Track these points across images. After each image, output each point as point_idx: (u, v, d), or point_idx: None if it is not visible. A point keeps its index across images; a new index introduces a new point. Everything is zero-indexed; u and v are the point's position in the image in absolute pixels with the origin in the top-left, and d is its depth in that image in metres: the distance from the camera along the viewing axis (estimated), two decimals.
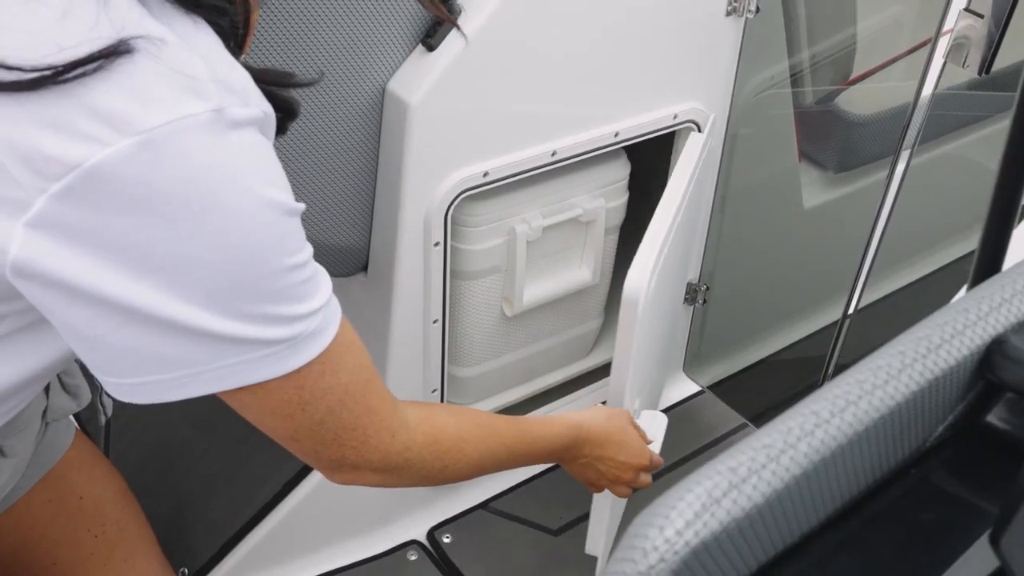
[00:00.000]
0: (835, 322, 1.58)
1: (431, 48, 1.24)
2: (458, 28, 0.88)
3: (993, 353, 0.59)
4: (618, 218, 1.64)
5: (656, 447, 1.24)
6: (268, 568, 1.56)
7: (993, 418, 0.62)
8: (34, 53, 0.58)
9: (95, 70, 0.58)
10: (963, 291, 0.94)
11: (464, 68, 1.25)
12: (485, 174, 1.35)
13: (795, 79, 1.75)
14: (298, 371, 0.72)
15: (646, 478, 1.19)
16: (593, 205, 1.56)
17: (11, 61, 0.58)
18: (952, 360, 0.58)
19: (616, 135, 1.46)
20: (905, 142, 1.40)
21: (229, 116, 0.62)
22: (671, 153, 1.62)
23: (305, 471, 1.52)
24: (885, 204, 1.45)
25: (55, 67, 0.58)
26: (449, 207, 1.34)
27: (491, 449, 0.96)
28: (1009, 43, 1.31)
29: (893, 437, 0.57)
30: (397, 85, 1.25)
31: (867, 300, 1.57)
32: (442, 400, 1.55)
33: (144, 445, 1.65)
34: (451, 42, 1.24)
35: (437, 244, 1.37)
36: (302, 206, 0.69)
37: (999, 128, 2.07)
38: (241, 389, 0.71)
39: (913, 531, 0.58)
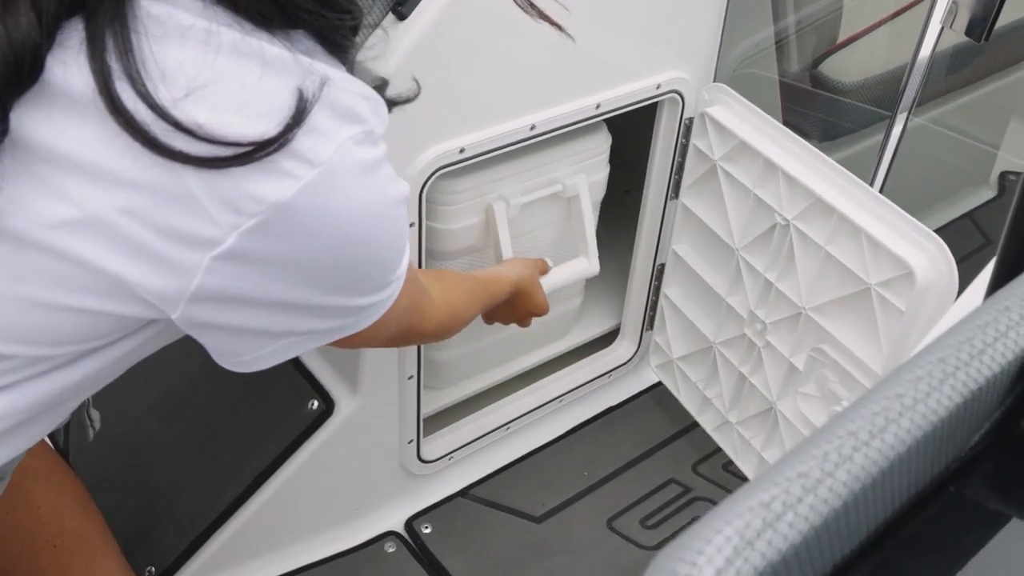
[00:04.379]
0: None
1: (402, 17, 1.17)
2: (561, 29, 0.87)
3: None
4: (599, 193, 1.58)
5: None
6: (239, 565, 1.50)
7: None
8: (251, 130, 0.62)
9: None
10: (975, 284, 0.89)
11: (437, 38, 1.18)
12: (461, 150, 1.28)
13: (780, 45, 1.69)
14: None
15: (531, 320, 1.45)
16: (573, 180, 1.50)
17: (230, 136, 0.62)
18: (996, 366, 0.52)
19: (597, 107, 1.40)
20: (902, 105, 1.35)
21: (375, 134, 0.70)
22: (652, 125, 1.56)
23: (277, 463, 1.45)
24: (880, 168, 1.40)
25: (272, 138, 0.62)
26: (424, 185, 1.27)
27: (476, 312, 1.22)
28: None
29: (933, 454, 0.51)
30: (367, 57, 1.17)
31: None
32: (418, 386, 1.49)
33: (107, 437, 1.58)
34: (423, 10, 1.16)
35: (412, 225, 1.30)
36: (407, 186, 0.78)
37: (980, 95, 2.03)
38: None
39: (954, 556, 0.52)
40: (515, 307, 1.36)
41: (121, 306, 0.68)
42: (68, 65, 0.62)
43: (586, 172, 1.51)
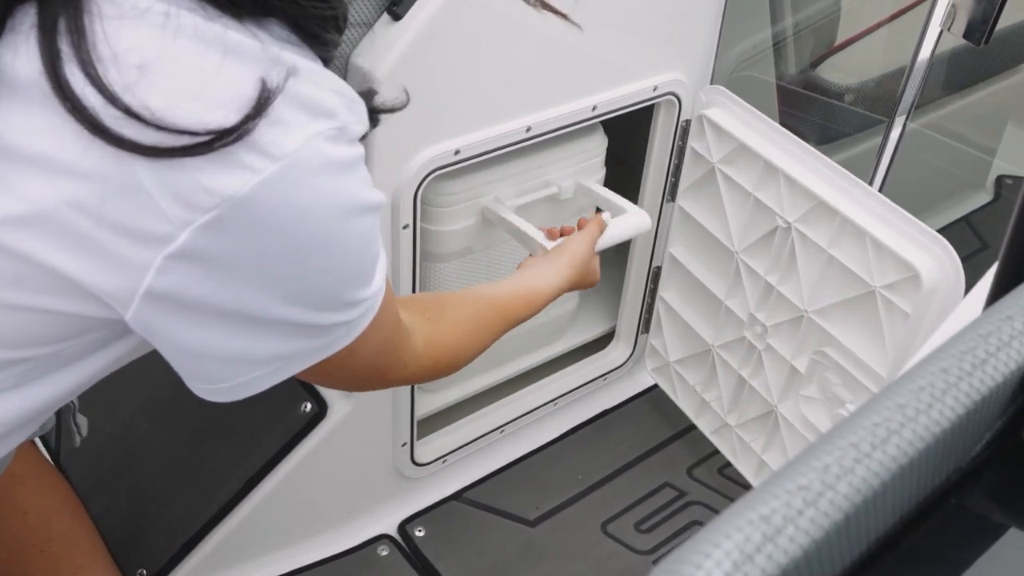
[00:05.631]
0: None
1: (397, 17, 1.16)
2: (566, 18, 0.82)
3: None
4: None
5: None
6: (231, 567, 1.49)
7: None
8: (208, 118, 0.58)
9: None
10: (977, 289, 0.88)
11: (433, 39, 1.17)
12: (456, 152, 1.27)
13: (778, 48, 1.68)
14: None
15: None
16: (569, 182, 1.49)
17: (184, 124, 0.58)
18: (999, 376, 0.51)
19: (594, 109, 1.39)
20: (900, 108, 1.34)
21: (350, 132, 0.66)
22: (649, 126, 1.55)
23: (269, 466, 1.44)
24: (879, 171, 1.39)
25: (230, 128, 0.58)
26: (418, 187, 1.26)
27: (484, 344, 1.06)
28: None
29: (935, 465, 0.50)
30: (361, 57, 1.16)
31: None
32: (412, 388, 1.48)
33: (98, 440, 1.56)
34: (418, 11, 1.15)
35: (406, 227, 1.29)
36: (384, 197, 0.73)
37: (977, 98, 2.02)
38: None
39: (955, 567, 0.51)
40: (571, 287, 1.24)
41: (78, 305, 0.65)
42: (18, 50, 0.59)
43: (582, 174, 1.50)
